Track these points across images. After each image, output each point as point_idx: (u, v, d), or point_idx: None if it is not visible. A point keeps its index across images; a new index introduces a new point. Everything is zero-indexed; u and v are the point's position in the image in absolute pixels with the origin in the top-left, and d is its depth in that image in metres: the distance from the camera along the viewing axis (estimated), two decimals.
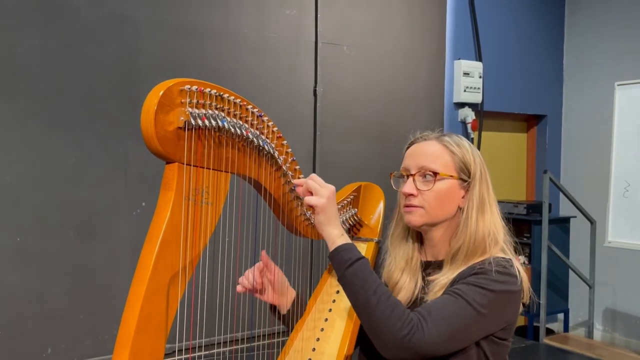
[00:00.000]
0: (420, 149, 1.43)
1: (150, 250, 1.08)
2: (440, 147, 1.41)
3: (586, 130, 5.46)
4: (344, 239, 1.32)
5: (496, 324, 1.31)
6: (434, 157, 1.39)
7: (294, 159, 1.40)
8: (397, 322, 1.20)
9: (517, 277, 1.33)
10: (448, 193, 1.38)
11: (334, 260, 1.30)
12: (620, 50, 5.14)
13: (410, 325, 1.20)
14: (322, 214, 1.32)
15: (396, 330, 1.20)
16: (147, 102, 1.07)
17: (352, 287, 1.26)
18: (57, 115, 3.39)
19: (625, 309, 5.12)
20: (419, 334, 1.20)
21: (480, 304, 1.26)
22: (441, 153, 1.40)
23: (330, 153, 4.24)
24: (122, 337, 1.05)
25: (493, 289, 1.28)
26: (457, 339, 1.26)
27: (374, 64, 4.48)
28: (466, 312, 1.25)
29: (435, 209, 1.38)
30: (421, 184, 1.39)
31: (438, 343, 1.22)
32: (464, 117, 4.94)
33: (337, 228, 1.33)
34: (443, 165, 1.39)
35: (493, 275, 1.29)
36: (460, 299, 1.26)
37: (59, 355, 3.38)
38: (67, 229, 3.42)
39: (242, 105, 1.23)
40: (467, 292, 1.27)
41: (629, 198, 3.93)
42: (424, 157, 1.40)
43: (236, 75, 3.88)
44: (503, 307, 1.30)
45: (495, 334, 1.32)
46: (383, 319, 1.21)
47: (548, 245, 4.60)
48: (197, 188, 1.15)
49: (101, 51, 3.49)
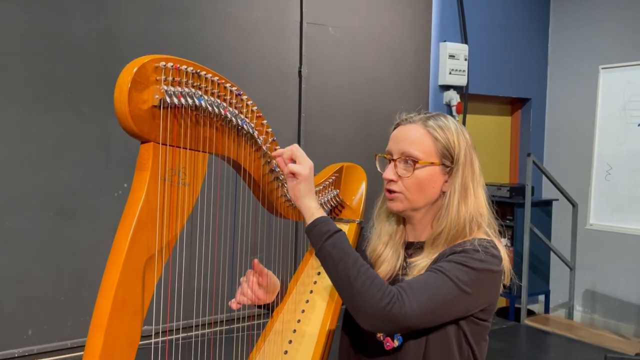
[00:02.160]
0: (403, 132, 1.40)
1: (125, 233, 1.05)
2: (423, 132, 1.37)
3: (570, 113, 5.48)
4: (321, 211, 1.30)
5: (476, 302, 1.30)
6: (416, 143, 1.37)
7: (274, 139, 1.37)
8: (377, 292, 1.19)
9: (499, 257, 1.33)
10: (429, 179, 1.37)
11: (312, 233, 1.27)
12: (605, 34, 5.15)
13: (390, 296, 1.19)
14: (303, 183, 1.29)
15: (376, 300, 1.19)
16: (121, 80, 1.04)
17: (330, 259, 1.24)
18: (37, 94, 3.32)
19: (605, 290, 5.18)
20: (399, 304, 1.19)
21: (462, 280, 1.25)
22: (423, 138, 1.37)
23: (315, 135, 4.22)
24: (95, 322, 1.03)
25: (474, 267, 1.27)
26: (437, 314, 1.25)
27: (359, 45, 4.45)
28: (447, 287, 1.24)
29: (414, 195, 1.37)
30: (402, 170, 1.37)
31: (418, 315, 1.21)
32: (448, 99, 4.93)
33: (314, 201, 1.31)
34: (424, 151, 1.36)
35: (475, 254, 1.28)
36: (441, 274, 1.26)
37: (40, 337, 3.36)
38: (47, 210, 3.37)
39: (220, 84, 1.20)
40: (448, 268, 1.26)
41: (610, 181, 3.96)
42: (406, 142, 1.37)
43: (220, 55, 3.83)
44: (484, 286, 1.30)
45: (475, 315, 1.32)
46: (363, 290, 1.20)
47: (530, 227, 4.64)
48: (173, 168, 1.12)
49: (82, 29, 3.42)
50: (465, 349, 1.32)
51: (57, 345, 3.39)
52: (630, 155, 3.84)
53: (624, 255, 4.93)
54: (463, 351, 1.32)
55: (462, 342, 1.32)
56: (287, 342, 1.46)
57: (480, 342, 1.35)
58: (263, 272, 1.51)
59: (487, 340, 1.38)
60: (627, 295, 4.99)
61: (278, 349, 1.45)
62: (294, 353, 1.43)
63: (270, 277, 1.54)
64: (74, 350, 3.40)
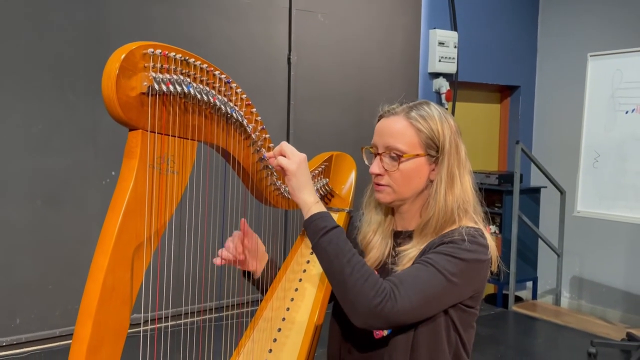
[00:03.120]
0: (386, 125, 1.40)
1: (113, 221, 1.05)
2: (406, 124, 1.37)
3: (558, 101, 5.50)
4: (319, 206, 1.30)
5: (466, 291, 1.32)
6: (399, 136, 1.37)
7: (263, 127, 1.37)
8: (371, 290, 1.20)
9: (487, 246, 1.33)
10: (415, 171, 1.37)
11: (309, 228, 1.28)
12: (593, 22, 5.16)
13: (383, 294, 1.20)
14: (293, 179, 1.30)
15: (369, 298, 1.20)
16: (108, 67, 1.03)
17: (326, 255, 1.25)
18: (23, 82, 3.29)
19: (592, 277, 5.24)
20: (391, 302, 1.20)
21: (451, 272, 1.26)
22: (406, 131, 1.37)
23: (305, 122, 4.21)
24: (84, 309, 1.02)
25: (463, 258, 1.28)
26: (429, 307, 1.27)
27: (348, 32, 4.43)
28: (437, 280, 1.25)
29: (402, 187, 1.38)
30: (388, 164, 1.38)
31: (410, 311, 1.23)
32: (438, 87, 4.93)
33: (312, 195, 1.31)
34: (408, 144, 1.36)
35: (463, 245, 1.29)
36: (431, 267, 1.27)
37: (28, 326, 3.35)
38: (34, 198, 3.35)
39: (209, 71, 1.18)
40: (438, 260, 1.27)
41: (598, 169, 3.98)
42: (389, 136, 1.38)
43: (208, 42, 3.80)
44: (473, 276, 1.31)
45: (464, 302, 1.33)
46: (357, 288, 1.21)
47: (519, 215, 4.67)
48: (162, 156, 1.11)
49: (68, 16, 3.38)
50: (453, 335, 1.33)
51: (45, 333, 3.38)
52: (617, 142, 3.87)
53: (610, 242, 4.98)
54: (451, 338, 1.33)
55: (450, 329, 1.33)
56: (277, 331, 1.46)
57: (467, 329, 1.36)
58: (249, 233, 1.52)
59: (474, 327, 1.40)
60: (613, 282, 5.05)
61: (267, 337, 1.45)
62: (284, 339, 1.43)
63: (257, 240, 1.55)
64: (63, 338, 3.40)
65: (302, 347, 1.39)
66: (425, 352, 1.30)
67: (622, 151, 3.83)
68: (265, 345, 1.44)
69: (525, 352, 3.91)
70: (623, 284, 4.98)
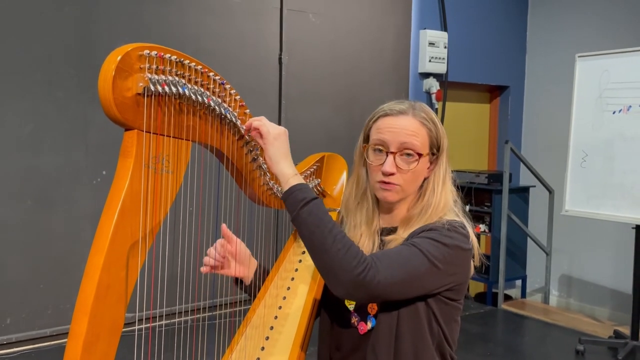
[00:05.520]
0: (400, 124, 1.39)
1: (109, 219, 1.06)
2: (418, 125, 1.39)
3: (547, 101, 5.55)
4: (297, 178, 1.30)
5: (446, 278, 1.33)
6: (415, 136, 1.38)
7: None
8: (353, 260, 1.21)
9: (467, 236, 1.36)
10: (422, 170, 1.41)
11: (288, 200, 1.28)
12: (582, 23, 5.22)
13: (365, 264, 1.22)
14: (271, 148, 1.30)
15: (351, 268, 1.21)
16: (105, 67, 1.04)
17: (306, 226, 1.25)
18: (14, 81, 3.28)
19: (580, 275, 5.29)
20: (373, 271, 1.21)
21: (433, 255, 1.28)
22: (420, 131, 1.39)
23: (296, 122, 4.22)
24: (80, 306, 1.04)
25: (445, 243, 1.31)
26: (409, 285, 1.28)
27: (339, 32, 4.45)
28: (419, 260, 1.27)
29: (410, 186, 1.41)
30: (402, 163, 1.38)
31: (391, 284, 1.24)
32: (428, 87, 4.96)
33: (290, 167, 1.31)
34: (423, 145, 1.39)
35: (444, 231, 1.33)
36: (414, 247, 1.29)
37: (18, 325, 3.34)
38: (25, 197, 3.34)
39: (204, 72, 1.20)
40: (421, 243, 1.30)
41: (586, 168, 4.03)
42: (405, 136, 1.38)
43: (199, 41, 3.81)
44: (454, 262, 1.33)
45: (445, 294, 1.35)
46: (338, 257, 1.21)
47: (508, 214, 4.71)
48: (157, 156, 1.13)
49: (59, 16, 3.37)
50: (435, 328, 1.35)
51: (36, 333, 3.38)
52: (605, 142, 3.91)
53: (598, 240, 5.04)
54: (433, 331, 1.35)
55: (432, 322, 1.35)
56: (269, 329, 1.47)
57: (450, 323, 1.38)
58: (230, 237, 1.52)
59: (458, 322, 1.41)
60: (601, 280, 5.11)
61: (260, 334, 1.46)
62: (277, 336, 1.45)
63: (240, 245, 1.55)
64: (53, 338, 3.39)
65: (294, 345, 1.41)
66: (409, 344, 1.32)
67: (609, 151, 3.88)
68: (258, 342, 1.45)
69: (514, 350, 3.94)
70: (611, 282, 5.04)
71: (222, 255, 1.51)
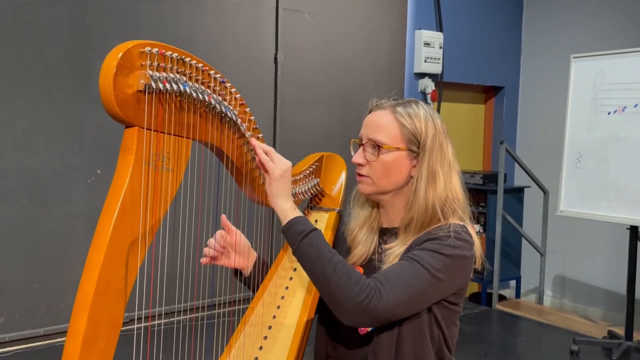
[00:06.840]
0: (372, 118, 1.44)
1: (109, 216, 1.06)
2: (390, 118, 1.41)
3: (542, 102, 5.57)
4: (296, 212, 1.33)
5: (449, 288, 1.33)
6: (382, 129, 1.40)
7: (256, 126, 1.38)
8: (355, 287, 1.22)
9: (471, 242, 1.36)
10: (395, 164, 1.39)
11: (288, 234, 1.31)
12: (577, 24, 5.23)
13: (367, 290, 1.22)
14: (275, 184, 1.33)
15: (354, 295, 1.21)
16: (106, 64, 1.04)
17: (307, 258, 1.28)
18: (8, 80, 3.26)
19: (574, 276, 5.31)
20: (376, 298, 1.22)
21: (436, 268, 1.28)
22: (390, 124, 1.40)
23: (291, 122, 4.22)
24: (79, 303, 1.03)
25: (447, 254, 1.30)
26: (414, 303, 1.28)
27: (335, 32, 4.45)
28: (422, 276, 1.27)
29: (381, 179, 1.41)
30: (369, 155, 1.41)
31: (395, 307, 1.24)
32: (424, 87, 4.97)
33: (289, 202, 1.35)
34: (390, 137, 1.39)
35: (447, 241, 1.31)
36: (416, 263, 1.28)
37: (12, 325, 3.32)
38: (19, 196, 3.32)
39: (205, 70, 1.20)
40: (422, 257, 1.29)
41: (581, 169, 4.04)
42: (373, 128, 1.42)
43: (195, 40, 3.80)
44: (457, 271, 1.33)
45: (447, 299, 1.35)
46: (340, 286, 1.23)
47: (503, 214, 4.72)
48: (157, 153, 1.13)
49: (52, 12, 3.36)
50: (435, 332, 1.35)
51: (30, 332, 3.36)
52: (599, 143, 3.93)
53: (593, 241, 5.06)
54: (434, 335, 1.35)
55: (433, 326, 1.34)
56: (267, 328, 1.47)
57: (450, 326, 1.38)
58: (230, 228, 1.54)
59: (457, 325, 1.42)
60: (595, 281, 5.13)
61: (258, 333, 1.46)
62: (276, 334, 1.45)
63: (240, 236, 1.56)
64: (47, 337, 3.37)
65: (292, 345, 1.41)
66: (409, 349, 1.31)
67: (604, 152, 3.89)
68: (256, 342, 1.45)
69: (508, 350, 3.95)
70: (605, 282, 5.06)
71: (221, 245, 1.53)
